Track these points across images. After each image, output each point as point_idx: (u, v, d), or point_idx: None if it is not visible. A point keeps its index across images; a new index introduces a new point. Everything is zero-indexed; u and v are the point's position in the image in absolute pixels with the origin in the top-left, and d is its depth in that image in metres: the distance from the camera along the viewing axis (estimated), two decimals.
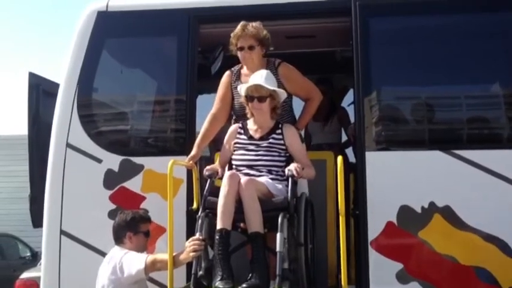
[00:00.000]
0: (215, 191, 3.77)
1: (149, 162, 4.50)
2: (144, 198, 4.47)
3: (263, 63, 4.24)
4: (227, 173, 3.76)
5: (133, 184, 4.49)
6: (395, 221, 4.07)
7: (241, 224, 3.72)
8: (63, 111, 4.62)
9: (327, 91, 5.80)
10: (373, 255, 4.07)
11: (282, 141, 3.97)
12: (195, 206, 4.12)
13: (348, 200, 4.74)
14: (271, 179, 3.84)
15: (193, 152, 4.20)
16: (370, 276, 4.05)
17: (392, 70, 4.39)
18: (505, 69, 4.31)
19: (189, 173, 4.45)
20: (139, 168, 4.49)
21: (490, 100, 4.41)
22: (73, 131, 4.58)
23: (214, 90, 5.91)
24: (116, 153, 4.56)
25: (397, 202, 4.09)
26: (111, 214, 4.45)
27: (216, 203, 3.67)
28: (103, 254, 4.33)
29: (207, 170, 3.93)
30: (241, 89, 4.00)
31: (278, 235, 3.49)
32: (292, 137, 3.99)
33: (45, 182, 4.68)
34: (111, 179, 4.51)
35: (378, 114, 4.33)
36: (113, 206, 4.48)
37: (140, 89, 4.90)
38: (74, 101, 4.60)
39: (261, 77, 3.94)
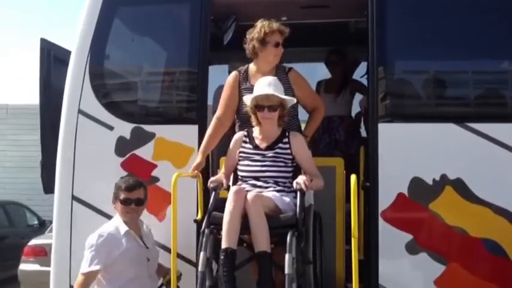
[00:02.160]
0: (220, 205, 3.65)
1: (161, 131, 4.51)
2: (155, 166, 4.48)
3: (276, 64, 4.18)
4: (233, 189, 3.63)
5: (145, 152, 4.50)
6: (406, 193, 4.09)
7: (246, 238, 3.59)
8: (75, 78, 4.62)
9: (340, 62, 5.80)
10: (383, 226, 4.09)
11: (288, 151, 3.84)
12: (199, 217, 3.98)
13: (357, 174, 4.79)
14: (278, 190, 3.73)
15: (198, 160, 4.09)
16: (379, 246, 4.08)
17: (407, 42, 4.35)
18: None
19: (201, 141, 4.45)
20: (151, 136, 4.50)
21: (504, 74, 4.37)
22: (85, 98, 4.58)
23: (225, 60, 5.96)
24: (128, 121, 4.55)
25: (409, 174, 4.09)
26: None
27: (221, 219, 3.54)
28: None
29: (212, 182, 3.82)
30: (248, 99, 3.88)
31: (287, 256, 3.37)
32: (299, 146, 3.87)
33: (56, 148, 4.71)
34: (122, 147, 4.52)
35: (391, 87, 4.31)
36: (124, 173, 4.47)
37: (152, 58, 4.87)
38: (85, 68, 4.59)
39: (269, 85, 3.82)
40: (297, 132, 4.03)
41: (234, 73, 4.27)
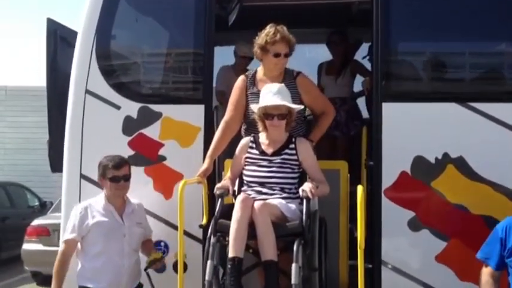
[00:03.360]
0: (226, 211, 3.66)
1: (167, 110, 4.56)
2: (162, 145, 4.55)
3: (284, 69, 4.17)
4: (239, 197, 3.61)
5: (152, 131, 4.56)
6: (409, 171, 4.17)
7: (253, 244, 3.60)
8: (82, 58, 4.65)
9: (341, 43, 5.85)
10: (386, 204, 4.18)
11: (295, 157, 3.84)
12: (204, 221, 4.03)
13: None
14: (284, 197, 3.73)
15: (205, 165, 4.08)
16: (382, 223, 4.17)
17: (411, 24, 4.40)
18: None
19: (207, 120, 4.54)
20: (158, 115, 4.56)
21: (506, 55, 4.44)
22: (92, 78, 4.62)
23: (230, 41, 6.00)
24: (135, 101, 4.61)
25: (412, 153, 4.17)
26: (130, 159, 4.51)
27: (227, 226, 3.54)
28: None
29: (218, 188, 3.80)
30: (256, 107, 3.88)
31: (293, 266, 3.38)
32: (305, 152, 3.87)
33: (62, 128, 4.77)
34: (129, 126, 4.58)
35: (394, 67, 4.38)
36: (132, 152, 4.56)
37: (158, 39, 4.92)
38: (92, 48, 4.63)
39: (278, 93, 3.81)
40: (303, 138, 4.01)
41: (241, 77, 4.27)
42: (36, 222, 9.43)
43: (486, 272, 3.40)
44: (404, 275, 4.15)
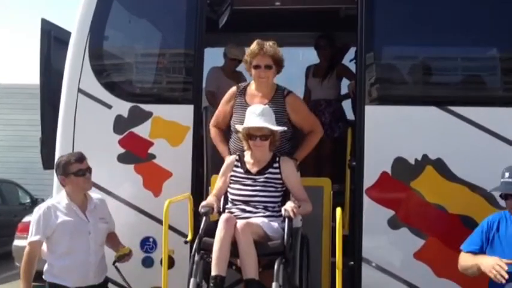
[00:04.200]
0: (211, 228, 3.72)
1: (157, 110, 4.68)
2: (152, 143, 4.66)
3: (273, 87, 4.23)
4: (223, 217, 3.67)
5: (142, 130, 4.67)
6: (389, 172, 4.30)
7: (236, 261, 3.67)
8: (75, 58, 4.77)
9: (328, 47, 6.00)
10: (367, 203, 4.31)
11: (279, 175, 3.91)
12: (189, 238, 4.15)
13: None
14: (267, 216, 3.81)
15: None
16: (363, 221, 4.30)
17: (395, 29, 4.53)
18: (501, 32, 4.47)
19: (196, 120, 4.65)
20: (148, 115, 4.67)
21: (482, 61, 4.61)
22: (84, 77, 4.73)
23: (220, 43, 6.14)
24: (126, 100, 4.72)
25: (392, 154, 4.30)
26: (120, 157, 4.68)
27: (211, 245, 3.59)
28: (111, 195, 4.58)
29: (203, 207, 3.83)
30: (240, 127, 3.97)
31: (274, 285, 3.44)
32: (289, 171, 3.94)
33: (55, 126, 4.86)
34: (120, 125, 4.69)
35: (378, 72, 4.49)
36: (122, 150, 4.68)
37: (150, 40, 5.04)
38: (85, 48, 4.74)
39: (261, 115, 3.87)
40: (287, 157, 4.07)
41: (233, 88, 4.37)
42: (27, 218, 9.41)
43: (467, 254, 3.54)
44: (384, 271, 4.27)
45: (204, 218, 3.77)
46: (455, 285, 4.17)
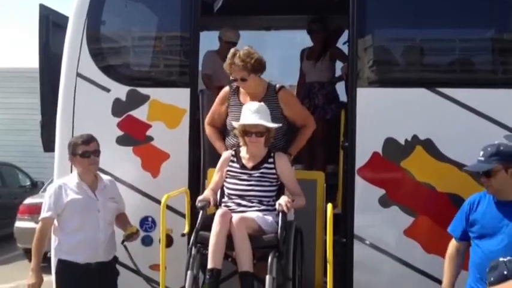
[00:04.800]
0: (208, 222, 3.80)
1: (155, 93, 4.78)
2: (149, 126, 4.77)
3: (263, 85, 4.29)
4: (219, 212, 3.77)
5: (140, 113, 4.77)
6: (380, 152, 4.40)
7: (231, 254, 3.76)
8: (73, 42, 4.85)
9: (320, 31, 6.09)
10: (359, 182, 4.43)
11: (273, 171, 4.00)
12: (186, 230, 4.27)
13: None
14: (262, 210, 3.89)
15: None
16: (355, 200, 4.43)
17: (386, 12, 4.59)
18: (491, 14, 4.56)
19: (193, 103, 4.76)
20: (145, 98, 4.77)
21: (472, 44, 4.67)
22: (83, 61, 4.82)
23: (216, 27, 6.22)
24: (123, 84, 4.81)
25: (383, 135, 4.40)
26: (119, 140, 4.79)
27: (207, 239, 3.70)
28: (111, 176, 4.70)
29: (200, 201, 3.92)
30: (236, 124, 4.03)
31: (267, 278, 3.54)
32: (283, 166, 4.02)
33: (54, 109, 4.96)
34: (118, 108, 4.79)
35: (369, 54, 4.58)
36: (121, 133, 4.79)
37: (147, 24, 5.10)
38: (83, 33, 4.81)
39: (256, 112, 3.95)
40: (282, 152, 4.15)
41: (226, 88, 4.44)
42: (28, 200, 9.63)
43: (452, 244, 3.66)
44: (375, 248, 4.41)
45: (200, 212, 3.87)
46: (443, 260, 4.27)
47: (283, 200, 3.79)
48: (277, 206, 3.80)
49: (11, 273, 9.05)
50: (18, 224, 9.38)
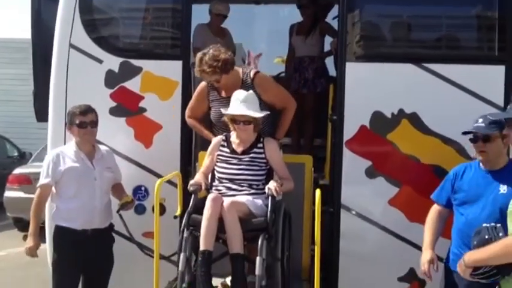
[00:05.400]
0: (200, 205, 3.89)
1: (147, 65, 4.84)
2: (142, 97, 4.85)
3: (238, 76, 4.33)
4: (210, 196, 3.85)
5: (133, 84, 4.84)
6: (367, 125, 4.53)
7: (223, 236, 3.85)
8: (66, 13, 4.86)
9: (310, 6, 6.16)
10: (347, 154, 4.56)
11: (263, 155, 4.07)
12: (178, 212, 4.36)
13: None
14: (252, 193, 3.98)
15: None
16: (342, 170, 4.57)
17: None
18: None
19: (185, 76, 4.85)
20: (138, 70, 4.84)
21: (458, 21, 4.79)
22: (75, 32, 4.85)
23: (206, 0, 6.26)
24: (116, 55, 4.86)
25: (371, 108, 4.52)
26: (112, 110, 4.87)
27: (199, 221, 3.79)
28: (104, 146, 4.79)
29: (192, 185, 3.99)
30: (225, 111, 4.08)
31: (258, 259, 3.65)
32: (272, 151, 4.10)
33: (46, 80, 4.99)
34: (111, 79, 4.85)
35: (358, 29, 4.67)
36: (113, 104, 4.87)
37: None
38: (76, 3, 4.83)
39: (244, 102, 3.99)
40: (270, 137, 4.23)
41: (202, 84, 4.47)
42: (17, 171, 9.70)
43: (435, 209, 3.81)
44: (361, 217, 4.57)
45: (192, 196, 3.96)
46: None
47: (272, 185, 3.89)
48: (266, 190, 3.89)
49: (2, 242, 9.16)
50: (8, 193, 9.46)
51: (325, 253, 3.55)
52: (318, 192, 3.69)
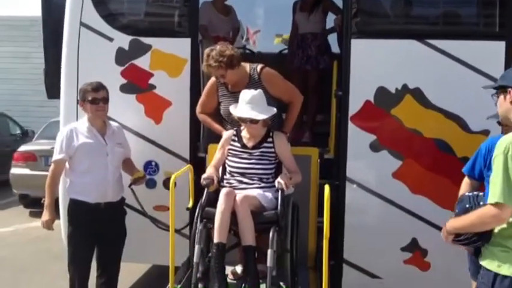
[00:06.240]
0: (212, 199, 4.00)
1: (156, 43, 4.95)
2: (152, 74, 4.97)
3: (245, 71, 4.42)
4: (223, 191, 3.94)
5: (142, 62, 4.95)
6: (372, 100, 4.65)
7: (235, 228, 3.96)
8: None
9: None
10: (352, 128, 4.69)
11: (272, 149, 4.18)
12: (190, 204, 4.44)
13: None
14: (262, 187, 4.10)
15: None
16: (348, 145, 4.70)
17: None
18: None
19: (193, 53, 4.96)
20: (147, 47, 4.95)
21: None
22: (86, 11, 4.95)
23: None
24: (126, 33, 4.96)
25: (375, 84, 4.63)
26: (123, 88, 4.99)
27: (212, 214, 3.90)
28: (116, 122, 4.92)
29: (204, 179, 4.09)
30: (232, 110, 4.17)
31: (269, 252, 3.75)
32: (281, 145, 4.20)
33: (57, 57, 5.11)
34: (122, 57, 4.96)
35: (362, 6, 4.73)
36: (124, 81, 4.99)
37: None
38: None
39: (250, 103, 4.06)
40: (279, 131, 4.34)
41: (212, 80, 4.55)
42: (23, 148, 9.82)
43: (466, 183, 3.75)
44: (366, 189, 4.72)
45: (205, 190, 4.08)
46: (428, 201, 4.63)
47: (282, 180, 4.00)
48: (276, 184, 4.01)
49: (9, 217, 9.32)
50: (14, 170, 9.59)
51: (330, 226, 3.68)
52: (326, 188, 3.75)
